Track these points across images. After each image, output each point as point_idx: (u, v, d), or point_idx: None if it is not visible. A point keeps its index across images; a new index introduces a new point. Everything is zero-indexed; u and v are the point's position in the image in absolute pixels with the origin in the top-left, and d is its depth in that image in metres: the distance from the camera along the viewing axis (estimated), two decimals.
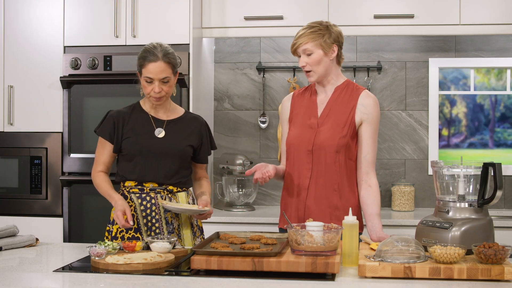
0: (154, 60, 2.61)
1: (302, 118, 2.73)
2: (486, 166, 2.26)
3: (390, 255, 2.08)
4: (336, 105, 2.69)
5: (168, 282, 2.01)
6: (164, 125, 2.73)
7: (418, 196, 4.09)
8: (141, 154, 2.68)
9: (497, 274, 1.99)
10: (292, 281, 2.00)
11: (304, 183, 2.68)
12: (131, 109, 2.75)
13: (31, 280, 2.10)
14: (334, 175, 2.65)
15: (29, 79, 3.79)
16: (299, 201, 2.69)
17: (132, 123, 2.71)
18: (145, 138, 2.69)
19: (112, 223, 2.72)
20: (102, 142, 2.73)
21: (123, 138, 2.69)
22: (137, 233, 2.67)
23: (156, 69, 2.61)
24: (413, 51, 4.13)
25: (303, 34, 2.65)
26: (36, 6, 3.79)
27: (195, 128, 2.78)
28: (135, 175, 2.69)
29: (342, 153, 2.65)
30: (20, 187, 3.79)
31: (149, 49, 2.64)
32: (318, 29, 2.64)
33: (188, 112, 2.84)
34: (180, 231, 2.73)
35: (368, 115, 2.67)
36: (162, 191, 2.69)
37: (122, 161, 2.73)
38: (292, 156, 2.72)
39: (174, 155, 2.70)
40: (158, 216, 2.67)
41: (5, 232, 2.63)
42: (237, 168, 3.96)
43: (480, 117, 4.17)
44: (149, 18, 3.69)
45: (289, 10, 3.81)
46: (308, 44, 2.63)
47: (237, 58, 4.25)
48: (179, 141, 2.72)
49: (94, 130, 2.76)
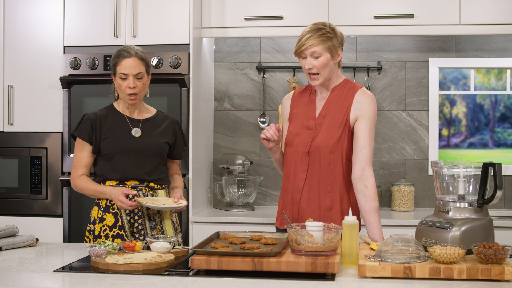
0: (128, 56, 2.73)
1: (301, 118, 2.73)
2: (486, 166, 2.26)
3: (390, 255, 2.08)
4: (332, 105, 2.68)
5: (168, 282, 2.01)
6: (140, 124, 2.81)
7: (418, 196, 4.09)
8: (121, 153, 2.75)
9: (497, 274, 1.99)
10: (292, 281, 2.00)
11: (299, 185, 2.67)
12: (106, 111, 2.83)
13: (31, 280, 2.10)
14: (328, 176, 2.63)
15: (29, 79, 3.79)
16: (293, 202, 2.69)
17: (109, 124, 2.79)
18: (123, 138, 2.77)
19: (93, 223, 2.76)
20: (80, 145, 2.79)
21: (102, 139, 2.76)
22: (121, 230, 2.72)
23: (130, 64, 2.72)
24: (413, 51, 4.13)
25: (312, 37, 2.59)
26: (36, 6, 3.79)
27: (168, 126, 2.88)
28: (117, 174, 2.76)
29: (337, 153, 2.63)
30: (20, 187, 3.79)
31: (122, 49, 2.77)
32: (326, 32, 2.60)
33: (159, 111, 2.93)
34: (163, 227, 2.79)
35: (362, 111, 2.63)
36: (143, 188, 2.76)
37: (101, 161, 2.79)
38: (289, 157, 2.72)
39: (153, 153, 2.79)
40: (141, 213, 2.75)
41: (5, 232, 2.63)
42: (237, 168, 3.96)
43: (480, 117, 4.17)
44: (149, 18, 3.69)
45: (289, 10, 3.81)
46: (317, 46, 2.58)
47: (237, 58, 4.25)
48: (156, 138, 2.81)
49: (71, 133, 2.82)
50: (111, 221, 2.73)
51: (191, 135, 3.62)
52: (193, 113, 3.65)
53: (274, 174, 4.21)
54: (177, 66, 3.61)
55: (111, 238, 2.72)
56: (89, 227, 2.79)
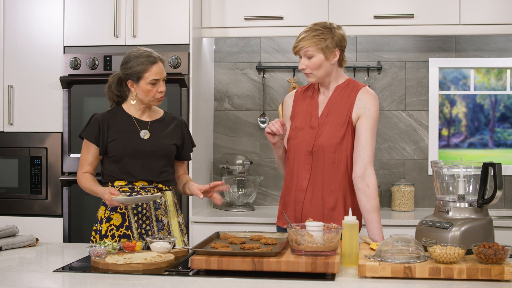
0: (156, 62, 2.72)
1: (303, 117, 2.72)
2: (486, 166, 2.26)
3: (390, 255, 2.08)
4: (335, 105, 2.68)
5: (168, 282, 2.01)
6: (148, 126, 2.80)
7: (418, 196, 4.09)
8: (129, 155, 2.74)
9: (497, 274, 1.99)
10: (292, 281, 2.00)
11: (303, 184, 2.67)
12: (114, 113, 2.81)
13: (31, 280, 2.10)
14: (332, 176, 2.64)
15: (29, 79, 3.79)
16: (296, 202, 2.69)
17: (117, 126, 2.77)
18: (132, 139, 2.76)
19: (100, 222, 2.76)
20: (87, 145, 2.79)
21: (109, 141, 2.75)
22: (128, 230, 2.71)
23: (160, 69, 2.73)
24: (413, 51, 4.13)
25: (305, 38, 2.61)
26: (36, 6, 3.79)
27: (176, 127, 2.87)
28: (125, 175, 2.75)
29: (340, 153, 2.63)
30: (20, 187, 3.79)
31: (144, 54, 2.72)
32: (320, 33, 2.60)
33: (167, 112, 2.92)
34: (170, 228, 2.78)
35: (364, 109, 2.63)
36: (152, 190, 2.75)
37: (109, 163, 2.78)
38: (292, 156, 2.72)
39: (161, 154, 2.78)
40: (149, 214, 2.74)
41: (5, 232, 2.63)
42: (237, 168, 3.96)
43: (480, 117, 4.17)
44: (149, 18, 3.69)
45: (289, 10, 3.81)
46: (309, 48, 2.60)
47: (237, 58, 4.25)
48: (164, 140, 2.80)
49: (79, 134, 2.82)
50: (118, 221, 2.72)
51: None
52: (193, 113, 3.65)
53: (274, 174, 4.21)
54: (177, 66, 3.61)
55: (118, 237, 2.70)
56: (96, 226, 2.77)
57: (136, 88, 2.74)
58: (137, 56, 2.71)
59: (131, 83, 2.74)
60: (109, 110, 2.83)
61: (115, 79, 2.81)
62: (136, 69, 2.70)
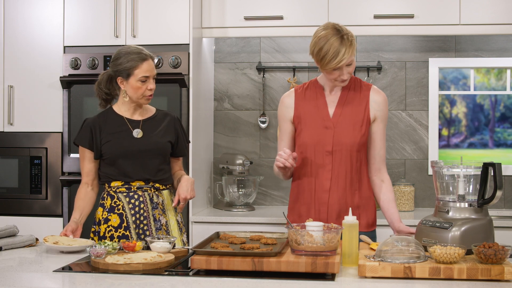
0: (146, 59, 2.71)
1: (314, 117, 2.69)
2: (486, 166, 2.26)
3: (390, 255, 2.08)
4: (347, 104, 2.68)
5: (168, 282, 2.01)
6: (140, 125, 2.79)
7: (418, 196, 4.09)
8: (123, 156, 2.73)
9: (497, 274, 1.99)
10: (292, 281, 2.00)
11: (325, 185, 2.65)
12: (105, 115, 2.81)
13: (31, 280, 2.10)
14: (356, 174, 2.67)
15: (29, 79, 3.79)
16: (320, 203, 2.66)
17: (108, 128, 2.76)
18: (125, 140, 2.75)
19: (98, 224, 2.77)
20: (82, 151, 2.79)
21: (102, 143, 2.75)
22: (127, 231, 2.71)
23: (150, 66, 2.72)
24: (413, 51, 4.13)
25: (347, 50, 2.52)
26: (36, 6, 3.79)
27: (169, 124, 2.85)
28: (121, 176, 2.75)
29: (362, 151, 2.68)
30: (20, 187, 3.79)
31: (134, 51, 2.71)
32: (351, 36, 2.56)
33: (158, 110, 2.90)
34: (168, 227, 2.78)
35: (380, 112, 2.70)
36: (149, 189, 2.75)
37: (104, 165, 2.78)
38: (309, 157, 2.68)
39: (156, 153, 2.77)
40: (146, 214, 2.74)
41: (5, 232, 2.63)
42: (237, 168, 3.96)
43: (480, 117, 4.17)
44: (149, 18, 3.69)
45: (289, 10, 3.81)
46: (351, 56, 2.56)
47: (237, 58, 4.25)
48: (158, 138, 2.79)
49: (73, 141, 2.82)
50: (116, 222, 2.72)
51: (191, 135, 3.62)
52: (193, 113, 3.65)
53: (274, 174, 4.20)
54: (177, 66, 3.61)
55: (117, 238, 2.71)
56: (94, 228, 2.78)
57: (126, 85, 2.72)
58: (128, 52, 2.70)
59: (121, 80, 2.72)
60: (99, 113, 2.82)
61: (105, 77, 2.79)
62: (126, 66, 2.68)
